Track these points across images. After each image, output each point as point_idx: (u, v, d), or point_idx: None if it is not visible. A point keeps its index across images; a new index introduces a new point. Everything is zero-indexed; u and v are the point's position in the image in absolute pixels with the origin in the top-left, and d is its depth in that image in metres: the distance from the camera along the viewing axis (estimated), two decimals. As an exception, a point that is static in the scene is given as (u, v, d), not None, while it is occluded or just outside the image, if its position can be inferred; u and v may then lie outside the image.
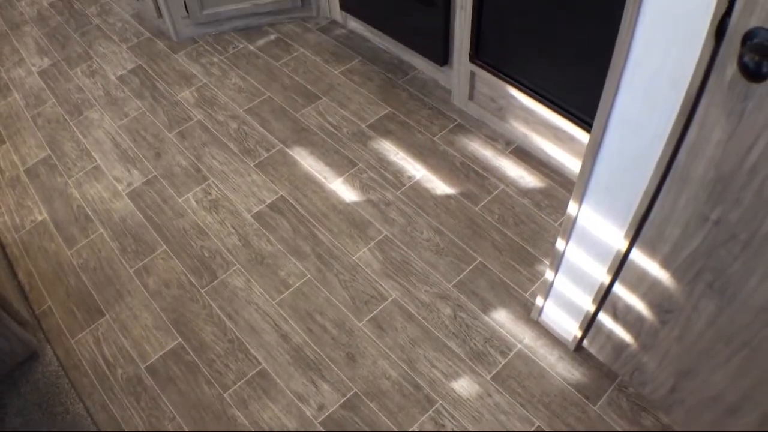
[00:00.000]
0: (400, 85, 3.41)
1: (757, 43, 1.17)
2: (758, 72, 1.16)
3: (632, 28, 1.51)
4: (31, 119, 3.53)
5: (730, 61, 1.25)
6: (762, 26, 1.17)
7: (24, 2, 4.66)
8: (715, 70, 1.30)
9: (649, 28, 1.48)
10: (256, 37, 3.86)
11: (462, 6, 2.85)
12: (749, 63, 1.15)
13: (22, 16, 4.51)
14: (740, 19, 1.21)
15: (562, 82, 2.65)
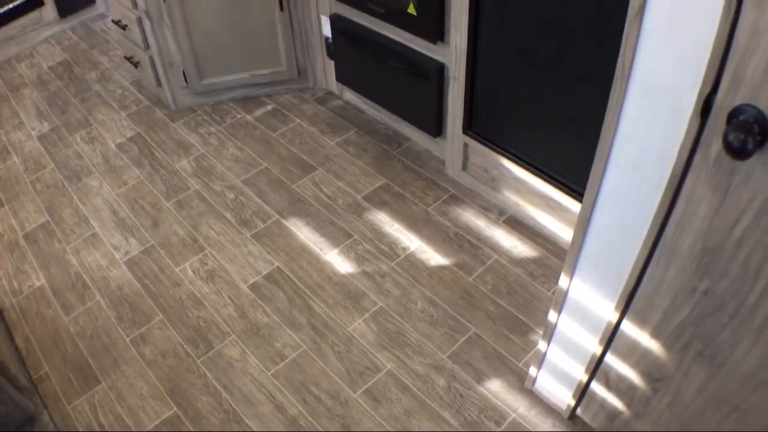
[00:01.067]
0: (395, 156, 3.47)
1: (742, 121, 1.21)
2: (743, 150, 1.19)
3: (620, 106, 1.57)
4: (30, 184, 3.57)
5: (715, 137, 1.30)
6: (748, 103, 1.22)
7: (24, 65, 4.74)
8: (701, 147, 1.35)
9: (636, 106, 1.53)
10: (254, 107, 3.93)
11: (455, 78, 2.92)
12: (734, 141, 1.18)
13: (21, 78, 4.57)
14: (726, 97, 1.25)
15: (553, 153, 2.71)
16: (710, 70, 1.29)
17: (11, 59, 4.90)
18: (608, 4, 2.12)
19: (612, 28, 1.64)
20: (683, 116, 1.39)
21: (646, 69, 1.49)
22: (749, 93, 1.21)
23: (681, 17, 1.38)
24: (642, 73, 1.50)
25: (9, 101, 4.36)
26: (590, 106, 2.23)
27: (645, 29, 1.45)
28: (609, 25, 1.91)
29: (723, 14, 1.24)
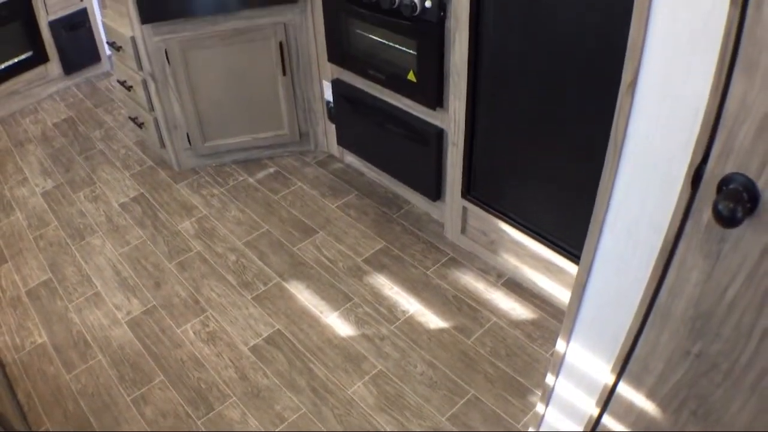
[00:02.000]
0: (394, 220, 3.51)
1: (732, 189, 1.23)
2: (732, 219, 1.20)
3: (613, 175, 1.61)
4: (33, 240, 3.61)
5: (706, 206, 1.32)
6: (738, 172, 1.25)
7: (28, 120, 4.81)
8: (693, 215, 1.38)
9: (629, 175, 1.57)
10: (256, 169, 3.99)
11: (454, 143, 2.97)
12: (723, 210, 1.20)
13: (26, 133, 4.64)
14: (716, 166, 1.28)
15: (551, 216, 2.75)
16: (701, 140, 1.32)
17: (16, 114, 4.98)
18: (605, 72, 2.18)
19: (609, 96, 1.69)
20: (675, 185, 1.42)
21: (639, 140, 1.53)
22: (739, 162, 1.24)
23: (672, 90, 1.43)
24: (634, 144, 1.54)
25: (13, 156, 4.42)
26: (587, 170, 2.26)
27: (637, 102, 1.50)
28: (606, 93, 1.96)
29: (713, 87, 1.27)
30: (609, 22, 2.11)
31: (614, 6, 2.04)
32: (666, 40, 1.43)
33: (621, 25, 1.53)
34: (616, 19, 1.97)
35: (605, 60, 2.16)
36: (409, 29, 2.92)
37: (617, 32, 1.66)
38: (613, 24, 2.06)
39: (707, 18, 1.32)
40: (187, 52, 3.56)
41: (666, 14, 1.42)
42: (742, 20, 1.19)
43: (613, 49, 1.73)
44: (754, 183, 1.22)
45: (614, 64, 1.62)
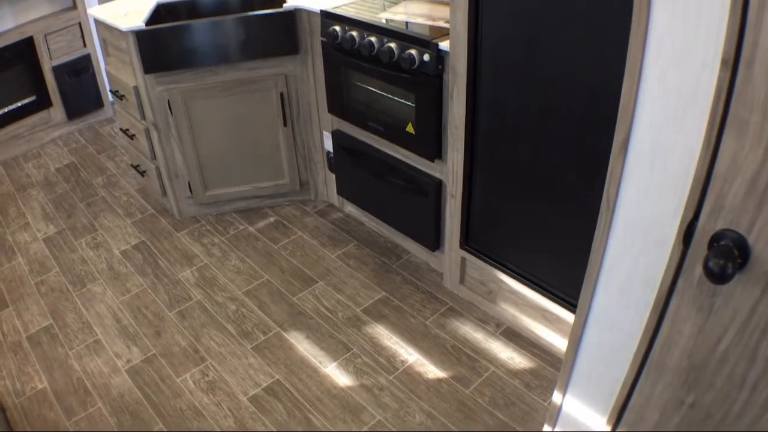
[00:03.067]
0: (394, 269, 3.54)
1: (723, 246, 1.26)
2: (723, 276, 1.23)
3: (606, 233, 1.64)
4: (34, 286, 3.62)
5: (698, 262, 1.35)
6: (729, 228, 1.28)
7: (31, 164, 4.86)
8: (685, 271, 1.41)
9: (622, 233, 1.60)
10: (256, 218, 4.02)
11: (452, 195, 3.00)
12: (714, 268, 1.23)
13: (28, 178, 4.69)
14: (707, 223, 1.31)
15: (548, 266, 2.78)
16: (692, 197, 1.35)
17: (18, 158, 5.03)
18: (600, 128, 2.21)
19: (604, 151, 1.72)
20: (667, 242, 1.45)
21: (630, 199, 1.56)
22: (730, 218, 1.27)
23: (663, 149, 1.46)
24: (626, 203, 1.57)
25: (16, 200, 4.46)
26: (583, 221, 2.29)
27: (628, 162, 1.53)
28: (601, 148, 1.99)
29: (704, 146, 1.31)
30: (604, 80, 2.15)
31: (609, 65, 2.08)
32: (657, 102, 1.46)
33: (616, 84, 1.56)
34: (611, 78, 2.01)
35: (600, 117, 2.21)
36: (408, 82, 2.97)
37: (612, 91, 1.70)
38: (608, 82, 2.10)
39: (698, 79, 1.36)
40: (190, 102, 3.62)
41: (657, 76, 1.45)
42: (733, 81, 1.23)
43: (608, 106, 1.77)
44: (745, 239, 1.25)
45: (609, 120, 1.65)
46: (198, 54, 3.48)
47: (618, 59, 1.59)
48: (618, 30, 1.72)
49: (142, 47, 3.43)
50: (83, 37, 5.17)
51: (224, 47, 3.50)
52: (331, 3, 3.38)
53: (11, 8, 4.82)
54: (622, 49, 1.52)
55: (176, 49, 3.46)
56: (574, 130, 2.36)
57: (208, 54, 3.50)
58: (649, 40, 1.46)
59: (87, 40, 5.19)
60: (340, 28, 3.19)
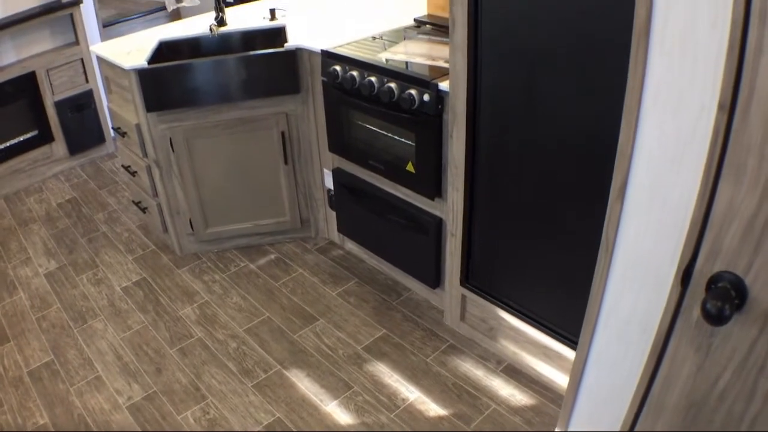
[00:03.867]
0: (394, 307, 3.55)
1: (721, 288, 1.28)
2: (720, 317, 1.26)
3: (605, 275, 1.66)
4: (35, 321, 3.63)
5: (696, 303, 1.37)
6: (726, 270, 1.30)
7: (33, 199, 4.89)
8: (683, 312, 1.43)
9: (621, 275, 1.62)
10: (257, 256, 4.04)
11: (453, 233, 3.02)
12: (711, 310, 1.25)
13: (30, 212, 4.71)
14: (705, 265, 1.34)
15: (548, 303, 2.80)
16: (689, 240, 1.38)
17: (20, 192, 5.06)
18: (599, 169, 2.24)
19: (604, 191, 1.74)
20: (665, 284, 1.47)
21: (629, 242, 1.58)
22: (727, 260, 1.29)
23: (660, 194, 1.48)
24: (625, 246, 1.59)
25: (17, 235, 4.48)
26: (583, 260, 2.30)
27: (626, 206, 1.55)
28: (601, 188, 2.01)
29: (701, 190, 1.33)
30: (604, 121, 2.18)
31: (609, 106, 2.11)
32: (654, 146, 1.49)
33: (615, 125, 1.59)
34: (610, 119, 2.03)
35: (600, 156, 2.23)
36: (408, 122, 3.01)
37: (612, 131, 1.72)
38: (608, 123, 2.13)
39: (695, 124, 1.39)
40: (191, 140, 3.65)
41: (654, 121, 1.48)
42: (729, 125, 1.25)
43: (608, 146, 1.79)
44: (742, 280, 1.28)
45: (609, 159, 1.67)
46: (200, 93, 3.52)
47: (618, 100, 1.61)
48: (617, 72, 1.75)
49: (144, 86, 3.47)
50: (85, 72, 5.22)
51: (226, 86, 3.54)
52: (332, 42, 3.43)
53: (13, 42, 4.87)
54: (622, 90, 1.55)
55: (178, 88, 3.50)
56: (574, 169, 2.39)
57: (210, 93, 3.54)
58: (647, 86, 1.49)
59: (89, 76, 5.24)
60: (340, 68, 3.24)
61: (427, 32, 3.50)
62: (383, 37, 3.47)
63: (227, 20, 3.99)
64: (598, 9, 2.07)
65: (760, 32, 1.16)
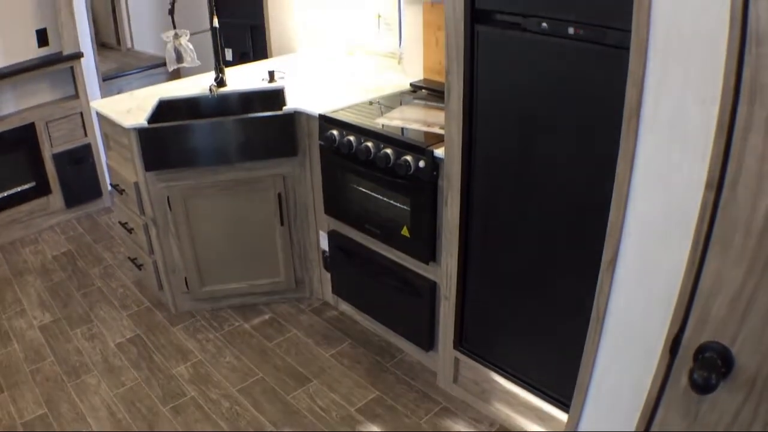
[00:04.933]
0: (388, 369, 3.56)
1: (708, 358, 1.32)
2: (707, 386, 1.29)
3: (596, 347, 1.70)
4: (29, 373, 3.63)
5: (684, 372, 1.40)
6: (713, 340, 1.34)
7: (28, 250, 4.91)
8: (671, 381, 1.46)
9: (611, 345, 1.67)
10: (252, 315, 4.06)
11: (446, 297, 3.06)
12: (698, 379, 1.28)
13: (25, 264, 4.74)
14: (692, 336, 1.37)
15: (541, 367, 2.82)
16: (677, 311, 1.42)
17: (16, 242, 5.09)
18: (594, 232, 2.28)
19: (599, 253, 1.78)
20: (654, 353, 1.51)
21: (619, 313, 1.63)
22: (714, 330, 1.33)
23: (649, 266, 1.53)
24: (615, 317, 1.64)
25: (12, 286, 4.50)
26: (576, 322, 2.31)
27: (617, 278, 1.60)
28: (593, 255, 2.05)
29: (689, 263, 1.38)
30: (597, 188, 2.23)
31: (602, 174, 2.14)
32: (644, 221, 1.54)
33: (608, 191, 1.64)
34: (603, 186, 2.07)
35: (594, 222, 2.26)
36: (404, 187, 3.07)
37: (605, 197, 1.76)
38: (601, 190, 2.17)
39: (683, 200, 1.44)
40: (189, 199, 3.70)
41: (644, 197, 1.53)
42: (717, 201, 1.30)
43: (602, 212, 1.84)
44: (729, 350, 1.31)
45: (603, 225, 1.71)
46: (199, 153, 3.59)
47: (611, 168, 1.66)
48: (610, 141, 1.80)
49: (144, 145, 3.53)
50: (84, 126, 5.28)
51: (225, 147, 3.60)
52: (330, 106, 3.51)
53: (13, 92, 4.94)
54: (614, 159, 1.60)
55: (178, 148, 3.56)
56: (567, 235, 2.44)
57: (208, 153, 3.60)
58: (637, 162, 1.55)
59: (88, 130, 5.30)
60: (337, 133, 3.31)
61: (423, 97, 3.58)
62: (380, 102, 3.56)
63: (227, 81, 4.06)
64: (591, 79, 2.15)
65: (749, 110, 1.21)
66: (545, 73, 2.31)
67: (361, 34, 4.34)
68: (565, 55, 2.22)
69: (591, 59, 2.13)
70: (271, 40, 5.00)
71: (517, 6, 2.35)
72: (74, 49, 5.11)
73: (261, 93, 4.02)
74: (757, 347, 1.29)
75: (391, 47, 4.15)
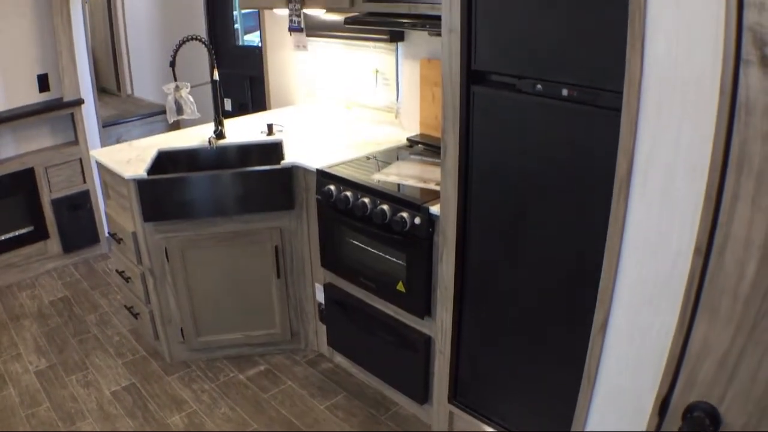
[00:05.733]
0: (382, 422, 3.57)
1: (696, 417, 1.36)
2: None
3: (587, 406, 1.73)
4: (25, 418, 3.63)
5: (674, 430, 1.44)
6: (702, 400, 1.37)
7: (25, 294, 4.93)
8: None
9: (601, 405, 1.70)
10: (247, 366, 4.07)
11: (441, 351, 3.08)
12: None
13: (22, 308, 4.75)
14: (681, 397, 1.41)
15: (536, 419, 2.81)
16: (667, 373, 1.45)
17: (13, 286, 5.10)
18: (587, 288, 2.31)
19: (590, 310, 1.81)
20: (644, 413, 1.54)
21: (610, 373, 1.66)
22: (702, 391, 1.37)
23: (639, 331, 1.57)
24: (606, 377, 1.67)
25: (9, 330, 4.51)
26: (571, 376, 2.34)
27: (608, 340, 1.64)
28: (589, 306, 2.07)
29: (678, 327, 1.42)
30: (590, 250, 2.26)
31: (594, 237, 2.18)
32: (634, 286, 1.58)
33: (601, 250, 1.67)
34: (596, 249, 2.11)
35: (587, 278, 2.28)
36: (400, 243, 3.11)
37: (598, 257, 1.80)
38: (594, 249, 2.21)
39: (672, 266, 1.48)
40: (186, 250, 3.74)
41: (634, 262, 1.58)
42: (705, 268, 1.34)
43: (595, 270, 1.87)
44: (716, 409, 1.35)
45: (595, 287, 1.74)
46: (197, 205, 3.63)
47: (604, 229, 1.70)
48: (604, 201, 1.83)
49: (143, 196, 3.58)
50: (83, 172, 5.33)
51: (223, 200, 3.65)
52: (328, 161, 3.57)
53: (13, 136, 4.99)
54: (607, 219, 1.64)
55: (176, 200, 3.61)
56: (562, 292, 2.45)
57: (207, 206, 3.64)
58: (627, 230, 1.59)
59: (87, 176, 5.35)
60: (335, 188, 3.36)
61: (419, 152, 3.64)
62: (377, 158, 3.62)
63: (226, 133, 4.13)
64: (585, 140, 2.18)
65: (737, 180, 1.25)
66: (539, 134, 2.36)
67: (359, 89, 4.41)
68: (559, 117, 2.27)
69: (584, 120, 2.17)
70: (270, 92, 5.08)
71: (512, 68, 2.40)
72: (75, 96, 5.18)
73: (259, 146, 4.08)
74: (744, 406, 1.32)
75: (389, 101, 4.22)
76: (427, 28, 3.23)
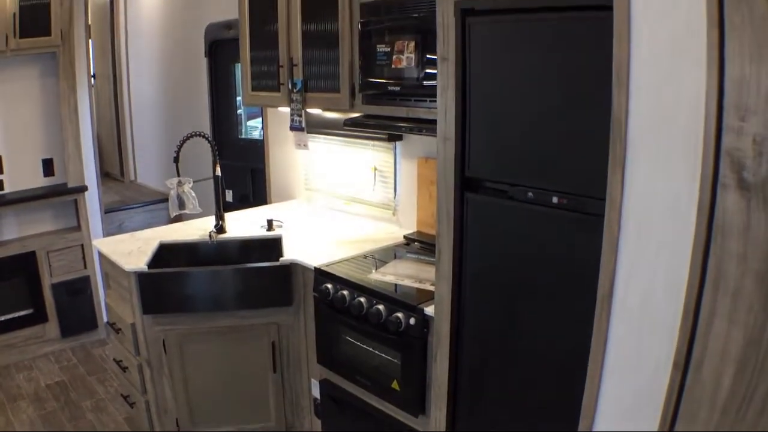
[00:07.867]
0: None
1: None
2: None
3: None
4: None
5: None
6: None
7: (22, 376, 4.96)
8: None
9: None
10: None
11: None
12: None
13: (19, 389, 4.77)
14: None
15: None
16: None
17: (10, 367, 5.12)
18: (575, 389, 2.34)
19: (578, 407, 1.85)
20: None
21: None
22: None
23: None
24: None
25: (6, 411, 4.52)
26: None
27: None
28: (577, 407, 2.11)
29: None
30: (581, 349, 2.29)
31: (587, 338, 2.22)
32: (615, 400, 1.63)
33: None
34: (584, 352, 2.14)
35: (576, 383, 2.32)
36: (395, 343, 3.15)
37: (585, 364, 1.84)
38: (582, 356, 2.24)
39: (652, 380, 1.54)
40: (184, 344, 3.77)
41: (615, 379, 1.62)
42: (683, 381, 1.39)
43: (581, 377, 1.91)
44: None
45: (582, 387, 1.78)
46: (196, 299, 3.68)
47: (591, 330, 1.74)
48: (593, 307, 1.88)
49: (143, 288, 3.63)
50: (84, 258, 5.40)
51: (221, 295, 3.70)
52: (325, 258, 3.64)
53: (16, 218, 5.09)
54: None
55: (176, 294, 3.66)
56: (553, 390, 2.47)
57: (205, 300, 3.70)
58: (609, 346, 1.65)
59: (88, 262, 5.43)
60: (332, 286, 3.41)
61: (416, 251, 3.70)
62: (374, 256, 3.69)
63: (226, 227, 4.21)
64: (573, 246, 2.25)
65: (713, 297, 1.31)
66: (531, 238, 2.43)
67: (358, 185, 4.51)
68: (550, 223, 2.34)
69: (574, 226, 2.25)
70: (272, 186, 5.18)
71: (504, 176, 2.50)
72: (79, 182, 5.29)
73: (259, 241, 4.16)
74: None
75: (386, 198, 4.31)
76: (423, 132, 3.33)
